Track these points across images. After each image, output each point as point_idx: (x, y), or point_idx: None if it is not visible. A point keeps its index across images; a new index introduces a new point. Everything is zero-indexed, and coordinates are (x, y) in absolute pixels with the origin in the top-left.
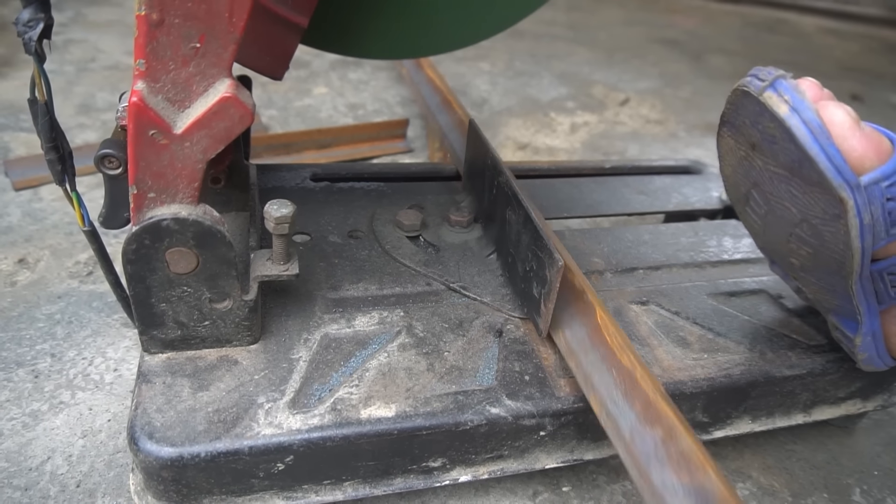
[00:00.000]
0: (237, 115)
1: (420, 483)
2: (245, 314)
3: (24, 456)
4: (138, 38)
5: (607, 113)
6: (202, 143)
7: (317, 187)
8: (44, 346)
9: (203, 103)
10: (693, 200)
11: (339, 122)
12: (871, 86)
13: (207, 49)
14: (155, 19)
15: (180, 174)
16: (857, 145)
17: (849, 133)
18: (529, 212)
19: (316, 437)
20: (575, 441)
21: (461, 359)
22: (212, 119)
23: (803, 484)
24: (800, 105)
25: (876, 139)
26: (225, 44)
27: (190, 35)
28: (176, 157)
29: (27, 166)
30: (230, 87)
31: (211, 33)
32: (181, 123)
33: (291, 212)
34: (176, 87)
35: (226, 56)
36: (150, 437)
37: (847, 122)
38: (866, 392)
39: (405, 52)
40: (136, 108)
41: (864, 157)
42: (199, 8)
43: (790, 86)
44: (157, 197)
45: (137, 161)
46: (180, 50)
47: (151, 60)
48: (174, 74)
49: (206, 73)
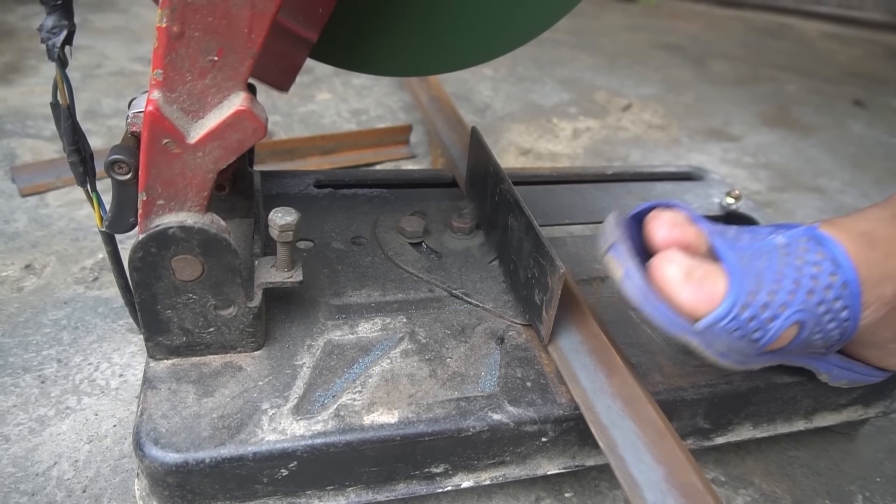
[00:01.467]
0: (251, 128)
1: (423, 489)
2: (249, 321)
3: (31, 461)
4: (157, 48)
5: (610, 118)
6: (214, 153)
7: (320, 194)
8: (50, 352)
9: (217, 115)
10: (695, 207)
11: (343, 127)
12: (874, 91)
13: (225, 63)
14: (175, 31)
15: (190, 183)
16: (687, 298)
17: (680, 288)
18: (531, 219)
19: (319, 443)
20: (577, 447)
21: (463, 365)
22: (225, 131)
23: (805, 490)
24: (630, 272)
25: (708, 289)
26: (242, 58)
27: (209, 48)
28: (187, 166)
29: (34, 172)
30: (245, 100)
31: (229, 47)
32: (195, 133)
33: (296, 219)
34: (191, 97)
35: (242, 70)
36: (156, 442)
37: (678, 278)
38: (868, 398)
39: (413, 70)
40: (152, 116)
41: (696, 307)
42: (220, 23)
43: (623, 252)
44: (166, 204)
45: (149, 168)
46: (198, 62)
47: (169, 71)
48: (190, 85)
49: (222, 85)
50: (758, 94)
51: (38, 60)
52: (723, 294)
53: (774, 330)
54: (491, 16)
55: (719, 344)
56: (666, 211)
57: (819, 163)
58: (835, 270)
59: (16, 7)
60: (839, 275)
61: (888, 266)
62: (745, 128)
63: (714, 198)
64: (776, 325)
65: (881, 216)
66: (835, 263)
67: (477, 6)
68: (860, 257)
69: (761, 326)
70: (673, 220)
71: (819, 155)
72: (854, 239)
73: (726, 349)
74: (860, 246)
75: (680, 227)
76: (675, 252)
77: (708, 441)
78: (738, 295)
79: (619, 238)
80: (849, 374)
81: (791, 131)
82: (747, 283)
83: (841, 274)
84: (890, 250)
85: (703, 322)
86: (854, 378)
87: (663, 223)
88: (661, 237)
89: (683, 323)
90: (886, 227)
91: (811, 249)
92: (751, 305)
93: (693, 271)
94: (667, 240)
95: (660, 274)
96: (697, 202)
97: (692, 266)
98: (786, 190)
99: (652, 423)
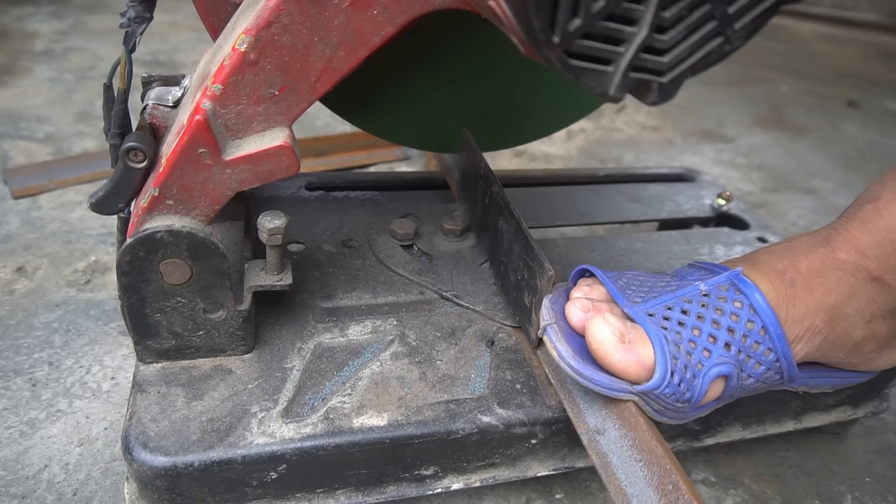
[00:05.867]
0: (286, 164)
1: (412, 491)
2: (239, 324)
3: (22, 464)
4: (226, 66)
5: (604, 120)
6: (242, 175)
7: (312, 196)
8: (42, 355)
9: (257, 141)
10: (686, 208)
11: (337, 129)
12: (868, 92)
13: (283, 99)
14: (251, 59)
15: (208, 194)
16: (619, 360)
17: (613, 349)
18: (521, 221)
19: (308, 445)
20: (567, 449)
21: (453, 367)
22: (262, 158)
23: (795, 491)
24: (562, 353)
25: (638, 351)
26: (300, 101)
27: (274, 83)
28: (212, 179)
29: (26, 175)
30: (289, 137)
31: (293, 88)
32: (231, 152)
33: (284, 223)
34: (238, 118)
35: (296, 110)
36: (145, 446)
37: (610, 341)
38: (856, 399)
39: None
40: (198, 125)
41: (627, 369)
42: (294, 66)
43: (552, 334)
44: (175, 206)
45: (174, 169)
46: (259, 91)
47: (229, 90)
48: (243, 108)
49: (271, 118)
50: (751, 95)
51: (31, 62)
52: (651, 359)
53: (699, 388)
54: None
55: (654, 404)
56: (577, 298)
57: (812, 164)
58: (752, 317)
59: (9, 9)
60: (756, 321)
61: (811, 299)
62: (738, 129)
63: (705, 199)
64: (698, 383)
65: (807, 247)
66: (752, 310)
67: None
68: (779, 297)
69: (688, 387)
70: (584, 306)
71: (812, 156)
72: (774, 279)
73: (661, 408)
74: (780, 285)
75: (596, 307)
76: (609, 315)
77: (697, 442)
78: (666, 363)
79: (552, 320)
80: (829, 381)
81: (784, 132)
82: (669, 346)
83: (758, 320)
84: (811, 283)
85: (637, 388)
86: (836, 383)
87: (576, 310)
88: (576, 321)
89: (620, 385)
90: (808, 259)
91: (729, 299)
92: (676, 370)
93: (625, 335)
94: (582, 321)
95: (593, 337)
96: (689, 203)
97: (624, 329)
98: (778, 191)
99: (637, 427)
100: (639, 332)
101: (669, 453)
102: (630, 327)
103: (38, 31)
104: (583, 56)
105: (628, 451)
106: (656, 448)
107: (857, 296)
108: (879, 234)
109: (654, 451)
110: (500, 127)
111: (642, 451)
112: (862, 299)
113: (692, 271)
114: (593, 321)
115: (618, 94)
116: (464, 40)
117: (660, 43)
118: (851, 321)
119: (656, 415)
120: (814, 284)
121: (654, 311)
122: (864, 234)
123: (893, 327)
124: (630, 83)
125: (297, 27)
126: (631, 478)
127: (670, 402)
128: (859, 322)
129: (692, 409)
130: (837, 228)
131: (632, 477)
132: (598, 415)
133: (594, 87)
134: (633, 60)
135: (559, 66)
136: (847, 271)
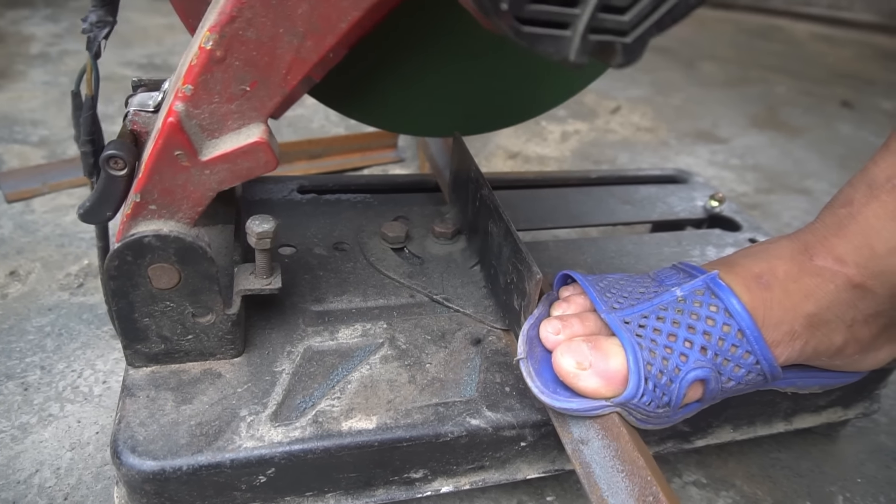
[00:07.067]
0: (263, 160)
1: (402, 494)
2: (228, 328)
3: (13, 469)
4: (194, 66)
5: (598, 121)
6: (221, 174)
7: (303, 199)
8: (34, 359)
9: (233, 139)
10: (678, 210)
11: (331, 132)
12: (863, 92)
13: (255, 94)
14: (218, 56)
15: (189, 196)
16: (587, 386)
17: (577, 378)
18: (510, 224)
19: (297, 449)
20: (556, 451)
21: (443, 370)
22: (239, 156)
23: (787, 492)
24: (533, 388)
25: (601, 369)
26: (272, 94)
27: (244, 78)
28: (191, 180)
29: (20, 178)
30: (264, 132)
31: (263, 82)
32: (207, 152)
33: (273, 227)
34: (213, 118)
35: (269, 105)
36: (133, 450)
37: (573, 370)
38: (847, 400)
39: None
40: (172, 127)
41: (598, 391)
42: (262, 59)
43: (526, 369)
44: (158, 210)
45: (152, 174)
46: (230, 88)
47: (200, 90)
48: (216, 107)
49: (245, 114)
50: (747, 95)
51: (26, 66)
52: (623, 369)
53: (676, 392)
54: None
55: (636, 414)
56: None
57: (807, 164)
58: (728, 321)
59: (5, 12)
60: (732, 324)
61: (788, 304)
62: (733, 130)
63: (698, 201)
64: (675, 388)
65: (785, 252)
66: (728, 313)
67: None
68: (755, 301)
69: (665, 391)
70: (555, 328)
71: (807, 156)
72: (750, 282)
73: (644, 417)
74: (756, 289)
75: (567, 324)
76: (568, 345)
77: (688, 444)
78: (639, 371)
79: (524, 353)
80: (817, 381)
81: (779, 133)
82: (643, 353)
83: (734, 323)
84: (788, 288)
85: (615, 401)
86: (825, 383)
87: (549, 331)
88: (551, 343)
89: (595, 403)
90: (785, 263)
91: (705, 303)
92: (650, 376)
93: (583, 360)
94: (556, 343)
95: (557, 368)
96: (681, 205)
97: (583, 356)
98: (773, 192)
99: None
100: (604, 348)
101: (652, 464)
102: (589, 351)
103: (33, 35)
104: (536, 21)
105: (611, 461)
106: (638, 459)
107: (836, 301)
108: (856, 240)
109: (636, 462)
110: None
111: (624, 462)
112: (842, 305)
113: (672, 273)
114: (557, 351)
115: (579, 60)
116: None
117: (618, 0)
118: (832, 326)
119: (640, 423)
120: (791, 290)
121: (630, 319)
122: (840, 240)
123: (875, 330)
124: (591, 46)
125: (261, 20)
126: (613, 488)
127: (651, 410)
128: (840, 327)
129: (675, 413)
130: (815, 233)
131: (613, 487)
132: (581, 424)
133: (553, 54)
134: (591, 21)
135: (512, 34)
136: (825, 277)
